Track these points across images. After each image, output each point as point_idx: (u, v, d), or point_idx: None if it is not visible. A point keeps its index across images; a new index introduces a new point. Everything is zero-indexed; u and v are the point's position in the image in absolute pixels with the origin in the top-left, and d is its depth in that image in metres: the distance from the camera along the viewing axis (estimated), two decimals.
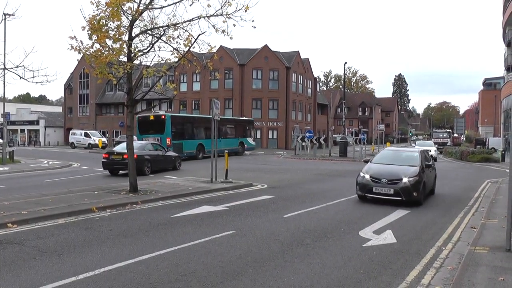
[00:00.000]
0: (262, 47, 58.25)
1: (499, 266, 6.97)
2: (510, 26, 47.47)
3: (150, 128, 33.62)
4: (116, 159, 21.82)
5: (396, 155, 16.03)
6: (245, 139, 42.55)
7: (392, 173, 13.74)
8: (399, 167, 14.22)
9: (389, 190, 13.28)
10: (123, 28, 13.44)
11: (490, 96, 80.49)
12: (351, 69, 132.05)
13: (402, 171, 13.75)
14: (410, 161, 14.66)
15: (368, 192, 13.71)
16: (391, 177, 13.54)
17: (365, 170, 14.32)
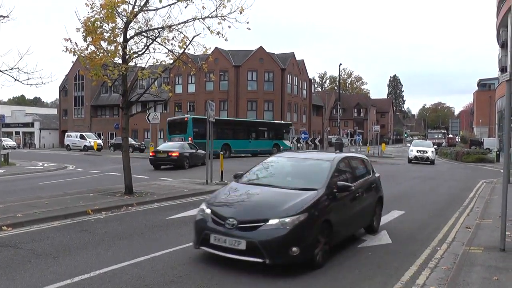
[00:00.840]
0: (257, 48, 58.30)
1: (494, 266, 7.01)
2: (503, 27, 47.56)
3: (176, 129, 38.26)
4: (161, 156, 26.93)
5: (291, 165, 9.17)
6: (280, 141, 43.90)
7: (253, 206, 7.46)
8: (278, 191, 7.75)
9: (238, 242, 6.79)
10: (117, 30, 13.43)
11: (484, 97, 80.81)
12: (346, 70, 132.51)
13: (277, 202, 7.32)
14: (308, 179, 8.19)
15: (203, 242, 7.25)
16: (246, 214, 7.10)
17: (212, 198, 8.17)
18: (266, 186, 8.13)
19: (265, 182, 8.35)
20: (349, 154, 11.03)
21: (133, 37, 14.04)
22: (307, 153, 10.85)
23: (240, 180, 8.72)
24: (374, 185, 9.97)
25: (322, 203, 7.44)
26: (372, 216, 9.67)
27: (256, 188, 8.11)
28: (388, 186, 19.35)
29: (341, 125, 71.29)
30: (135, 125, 59.47)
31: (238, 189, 8.28)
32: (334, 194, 7.79)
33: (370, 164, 10.46)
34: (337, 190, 7.88)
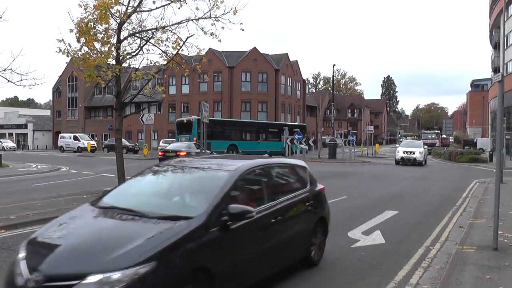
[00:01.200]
0: (251, 49, 58.35)
1: (486, 265, 7.04)
2: (496, 29, 47.97)
3: (183, 129, 40.35)
4: (170, 155, 28.64)
5: (174, 178, 6.69)
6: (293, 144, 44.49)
7: (75, 249, 4.69)
8: (132, 223, 5.23)
9: None
10: (111, 31, 13.41)
11: (478, 97, 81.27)
12: (340, 71, 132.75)
13: (114, 243, 4.68)
14: (187, 201, 5.97)
15: None
16: (58, 265, 4.48)
17: (43, 229, 5.64)
18: (125, 211, 5.34)
19: (126, 206, 5.52)
20: (272, 160, 7.69)
21: (126, 38, 14.03)
22: (209, 160, 7.01)
23: (99, 202, 6.00)
24: (310, 203, 7.21)
25: (193, 242, 4.77)
26: (307, 246, 6.98)
27: (105, 217, 5.40)
28: (382, 186, 19.53)
29: (335, 126, 71.44)
30: (129, 126, 59.35)
31: (80, 216, 5.65)
32: (223, 225, 5.16)
33: (308, 174, 7.74)
34: (230, 217, 5.20)
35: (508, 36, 44.10)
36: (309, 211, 7.20)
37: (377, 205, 13.70)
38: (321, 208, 7.72)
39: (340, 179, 22.42)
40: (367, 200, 14.99)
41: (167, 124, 61.08)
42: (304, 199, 7.10)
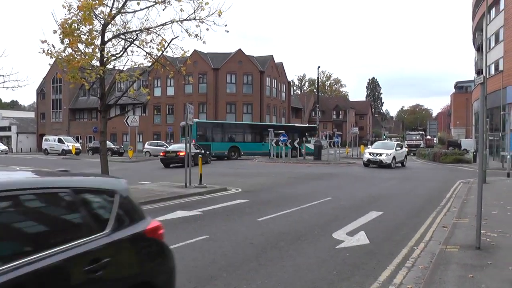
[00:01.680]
0: (236, 51, 58.41)
1: (469, 264, 7.11)
2: (479, 31, 48.51)
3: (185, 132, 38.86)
4: (170, 156, 31.44)
5: None
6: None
7: None
8: None
9: None
10: (95, 32, 13.36)
11: (461, 99, 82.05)
12: (324, 73, 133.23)
13: None
14: None
15: None
16: None
17: None
18: None
19: None
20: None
21: (111, 40, 13.97)
22: None
23: None
24: (106, 262, 3.79)
25: None
26: None
27: None
28: (366, 187, 19.64)
29: (320, 127, 71.74)
30: (113, 129, 58.99)
31: None
32: None
33: (116, 206, 4.29)
34: None
35: (490, 39, 44.68)
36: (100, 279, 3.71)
37: (362, 206, 13.78)
38: (139, 265, 4.37)
39: (325, 180, 22.49)
40: (352, 201, 15.07)
41: (152, 126, 60.89)
42: (91, 254, 3.72)
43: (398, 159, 33.23)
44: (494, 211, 12.28)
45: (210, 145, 40.25)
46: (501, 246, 8.25)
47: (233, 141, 43.54)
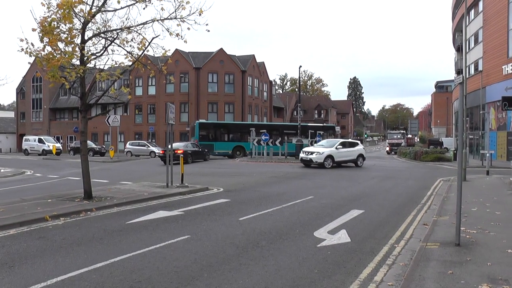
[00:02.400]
0: (218, 50, 58.37)
1: (449, 260, 7.20)
2: (459, 32, 49.17)
3: (192, 132, 44.98)
4: None
5: None
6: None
7: None
8: None
9: None
10: (75, 30, 13.17)
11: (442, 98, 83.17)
12: (306, 72, 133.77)
13: None
14: None
15: None
16: None
17: None
18: None
19: None
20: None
21: (91, 38, 13.81)
22: None
23: None
24: None
25: None
26: None
27: None
28: (348, 185, 19.74)
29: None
30: (94, 128, 58.55)
31: None
32: None
33: None
34: None
35: (470, 39, 45.33)
36: None
37: (343, 205, 13.84)
38: None
39: (306, 179, 22.55)
40: (333, 199, 15.13)
41: (133, 126, 60.52)
42: None
43: (340, 158, 30.93)
44: (473, 208, 12.45)
45: (213, 144, 42.63)
46: (480, 243, 8.37)
47: (239, 141, 44.15)
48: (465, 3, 28.38)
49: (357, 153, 32.13)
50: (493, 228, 9.74)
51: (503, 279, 6.22)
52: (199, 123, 44.58)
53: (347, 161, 31.46)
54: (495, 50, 37.93)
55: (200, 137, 42.90)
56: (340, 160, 30.95)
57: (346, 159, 31.44)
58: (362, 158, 32.36)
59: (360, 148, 32.89)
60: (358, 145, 33.18)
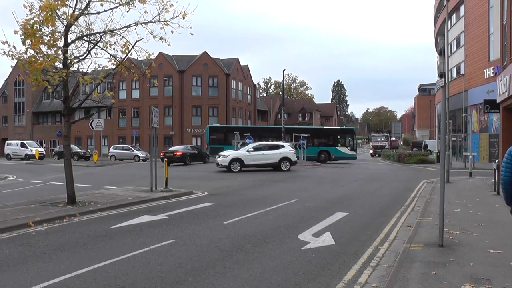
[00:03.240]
0: (202, 53, 58.37)
1: (432, 261, 7.26)
2: (441, 36, 49.68)
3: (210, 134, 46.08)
4: (169, 155, 35.93)
5: None
6: (332, 148, 43.38)
7: None
8: None
9: None
10: (58, 33, 13.06)
11: (425, 101, 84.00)
12: (290, 75, 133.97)
13: None
14: None
15: None
16: None
17: None
18: None
19: None
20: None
21: (74, 41, 13.71)
22: None
23: None
24: None
25: None
26: None
27: None
28: (332, 188, 19.83)
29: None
30: (78, 132, 58.09)
31: None
32: None
33: None
34: None
35: (452, 43, 45.91)
36: None
37: (327, 207, 13.89)
38: None
39: (291, 182, 22.61)
40: (317, 202, 15.18)
41: (117, 130, 60.16)
42: None
43: (253, 161, 29.59)
44: (456, 210, 12.59)
45: (223, 148, 40.42)
46: (463, 243, 8.45)
47: None
48: (446, 8, 28.72)
49: (279, 157, 30.04)
50: (475, 229, 9.85)
51: (485, 279, 6.28)
52: (210, 127, 45.99)
53: (264, 164, 30.00)
54: (477, 54, 38.43)
55: (210, 140, 44.02)
56: (253, 164, 29.66)
57: (263, 163, 29.98)
58: (288, 161, 30.24)
59: (285, 151, 30.49)
60: (281, 148, 30.80)
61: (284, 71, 51.07)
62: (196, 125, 57.38)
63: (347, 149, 43.61)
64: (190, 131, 57.20)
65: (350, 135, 45.39)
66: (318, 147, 43.84)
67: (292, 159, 30.52)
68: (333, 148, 43.48)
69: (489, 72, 35.10)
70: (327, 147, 43.85)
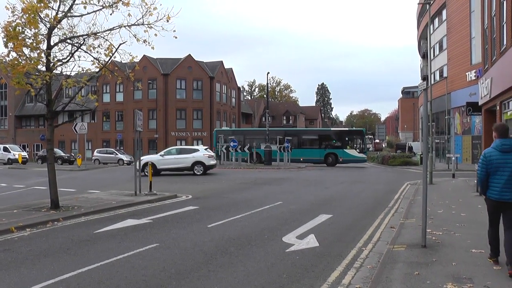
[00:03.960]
0: (186, 56, 58.25)
1: (415, 262, 7.33)
2: (423, 40, 50.31)
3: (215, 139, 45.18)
4: None
5: None
6: (339, 151, 41.54)
7: None
8: None
9: None
10: (41, 36, 12.95)
11: (408, 103, 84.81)
12: (274, 78, 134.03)
13: None
14: None
15: None
16: None
17: None
18: None
19: None
20: None
21: (57, 44, 13.61)
22: None
23: None
24: None
25: None
26: None
27: None
28: (316, 190, 19.92)
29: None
30: (61, 136, 57.59)
31: None
32: None
33: None
34: None
35: (435, 47, 46.48)
36: None
37: (311, 209, 13.94)
38: None
39: (275, 185, 22.65)
40: (302, 205, 15.23)
41: (101, 133, 59.75)
42: None
43: (166, 165, 29.41)
44: (439, 211, 12.71)
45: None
46: (445, 244, 8.55)
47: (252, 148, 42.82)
48: (429, 12, 29.03)
49: (192, 161, 29.88)
50: (458, 229, 9.98)
51: (467, 278, 6.38)
52: (217, 131, 45.96)
53: (177, 168, 29.88)
54: (459, 57, 38.93)
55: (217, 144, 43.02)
56: (166, 168, 29.54)
57: (175, 167, 29.86)
58: (202, 165, 29.95)
59: (198, 155, 30.19)
60: (195, 152, 30.64)
61: (269, 74, 50.93)
62: (180, 128, 57.21)
63: (356, 152, 41.87)
64: (174, 134, 57.01)
65: (359, 137, 43.36)
66: (325, 150, 42.26)
67: (206, 163, 30.19)
68: (341, 150, 41.74)
69: (471, 75, 35.57)
70: (334, 150, 42.10)
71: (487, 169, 6.95)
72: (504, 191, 6.80)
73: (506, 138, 6.91)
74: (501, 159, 6.83)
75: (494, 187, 6.93)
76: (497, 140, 6.98)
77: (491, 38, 18.19)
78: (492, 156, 6.92)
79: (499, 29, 16.50)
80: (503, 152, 6.83)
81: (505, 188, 6.79)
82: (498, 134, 6.99)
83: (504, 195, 6.81)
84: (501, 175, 6.81)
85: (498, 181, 6.85)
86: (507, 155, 6.80)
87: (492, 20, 18.03)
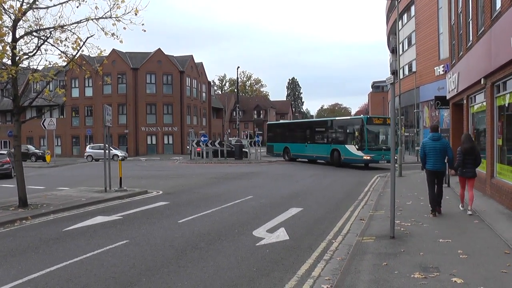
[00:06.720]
0: (155, 50, 57.62)
1: (384, 253, 7.46)
2: (393, 35, 50.90)
3: None
4: None
5: None
6: (341, 146, 30.92)
7: None
8: None
9: None
10: (5, 28, 12.62)
11: (378, 97, 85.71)
12: (245, 73, 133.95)
13: None
14: None
15: None
16: None
17: None
18: None
19: None
20: None
21: (22, 37, 13.31)
22: None
23: None
24: None
25: None
26: None
27: None
28: (287, 184, 20.03)
29: (241, 127, 72.06)
30: (30, 132, 56.42)
31: None
32: None
33: None
34: None
35: (404, 42, 47.11)
36: None
37: (282, 203, 14.03)
38: None
39: (246, 179, 22.69)
40: (272, 198, 15.31)
41: (70, 129, 58.72)
42: None
43: None
44: (408, 202, 12.96)
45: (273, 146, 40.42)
46: (414, 234, 8.73)
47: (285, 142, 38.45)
48: (397, 9, 29.35)
49: None
50: (426, 220, 10.21)
51: (434, 267, 6.52)
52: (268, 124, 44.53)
53: None
54: (428, 53, 39.53)
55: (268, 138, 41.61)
56: None
57: None
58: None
59: None
60: None
61: (239, 69, 50.98)
62: (150, 123, 56.64)
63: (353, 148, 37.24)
64: (144, 129, 56.42)
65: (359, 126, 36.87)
66: (330, 145, 32.41)
67: None
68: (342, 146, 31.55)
69: (439, 70, 36.17)
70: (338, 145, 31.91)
71: (424, 151, 11.09)
72: (436, 164, 10.96)
73: (435, 132, 11.19)
74: (432, 145, 10.95)
75: (429, 162, 11.03)
76: (430, 133, 11.31)
77: (458, 34, 18.52)
78: (426, 143, 11.11)
79: (465, 26, 16.82)
80: (433, 140, 11.01)
81: (436, 162, 10.95)
82: (431, 130, 11.54)
83: (436, 166, 10.98)
84: (433, 155, 10.92)
85: (430, 158, 10.96)
86: (436, 143, 10.97)
87: (458, 16, 18.35)
